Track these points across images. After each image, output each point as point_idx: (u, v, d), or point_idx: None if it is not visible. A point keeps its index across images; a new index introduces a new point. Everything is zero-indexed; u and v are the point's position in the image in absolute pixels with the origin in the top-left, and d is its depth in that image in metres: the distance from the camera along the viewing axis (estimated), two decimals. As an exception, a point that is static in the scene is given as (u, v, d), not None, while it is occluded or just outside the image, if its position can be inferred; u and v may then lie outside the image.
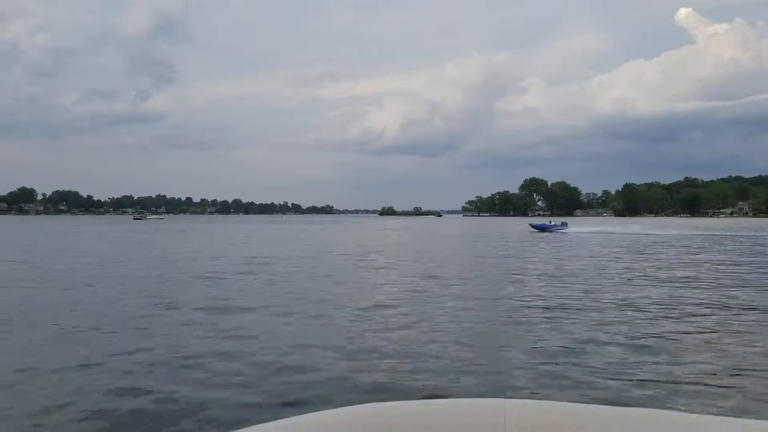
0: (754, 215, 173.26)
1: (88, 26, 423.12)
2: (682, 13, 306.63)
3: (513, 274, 18.73)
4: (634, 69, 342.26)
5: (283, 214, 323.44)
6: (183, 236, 51.25)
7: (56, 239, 44.21)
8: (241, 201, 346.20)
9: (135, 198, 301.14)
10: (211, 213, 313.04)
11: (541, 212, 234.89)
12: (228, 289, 14.80)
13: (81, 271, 19.79)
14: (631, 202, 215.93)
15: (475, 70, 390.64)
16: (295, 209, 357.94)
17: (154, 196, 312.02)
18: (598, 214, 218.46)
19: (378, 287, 15.49)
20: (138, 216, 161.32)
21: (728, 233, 52.72)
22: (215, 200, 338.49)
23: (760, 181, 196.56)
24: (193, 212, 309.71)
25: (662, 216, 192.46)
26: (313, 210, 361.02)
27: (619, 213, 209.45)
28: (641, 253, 28.10)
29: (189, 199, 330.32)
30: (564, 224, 62.98)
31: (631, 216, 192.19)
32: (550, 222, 65.98)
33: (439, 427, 1.76)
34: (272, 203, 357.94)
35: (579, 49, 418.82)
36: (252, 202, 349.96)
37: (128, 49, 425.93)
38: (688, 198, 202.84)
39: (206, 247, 34.00)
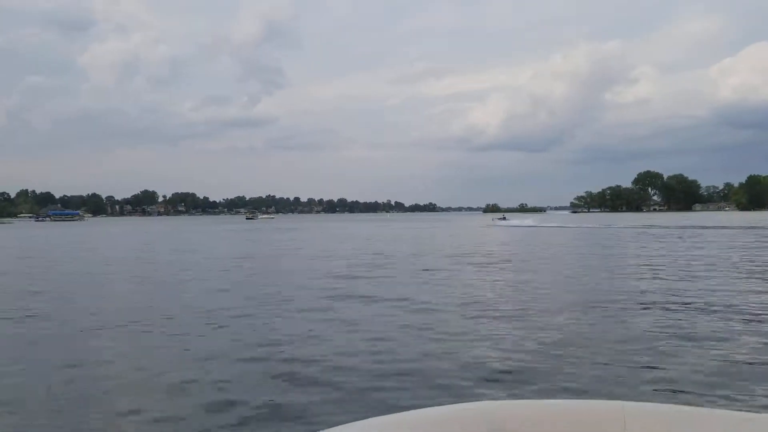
0: None
1: (200, 35, 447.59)
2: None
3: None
4: (757, 52, 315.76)
5: (387, 212, 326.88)
6: (304, 234, 52.34)
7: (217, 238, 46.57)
8: (346, 200, 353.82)
9: (247, 198, 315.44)
10: (318, 212, 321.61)
11: (656, 207, 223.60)
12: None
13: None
14: (757, 194, 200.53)
15: (581, 60, 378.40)
16: (399, 207, 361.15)
17: (264, 197, 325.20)
18: (719, 209, 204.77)
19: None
20: (250, 216, 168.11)
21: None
22: (321, 200, 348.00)
23: None
24: (300, 211, 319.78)
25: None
26: (416, 208, 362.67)
27: (744, 207, 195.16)
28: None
29: (297, 198, 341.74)
30: (504, 218, 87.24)
31: (757, 210, 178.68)
32: (503, 217, 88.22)
33: (553, 427, 1.74)
34: (376, 202, 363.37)
35: (695, 34, 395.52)
36: (356, 201, 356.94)
37: (239, 56, 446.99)
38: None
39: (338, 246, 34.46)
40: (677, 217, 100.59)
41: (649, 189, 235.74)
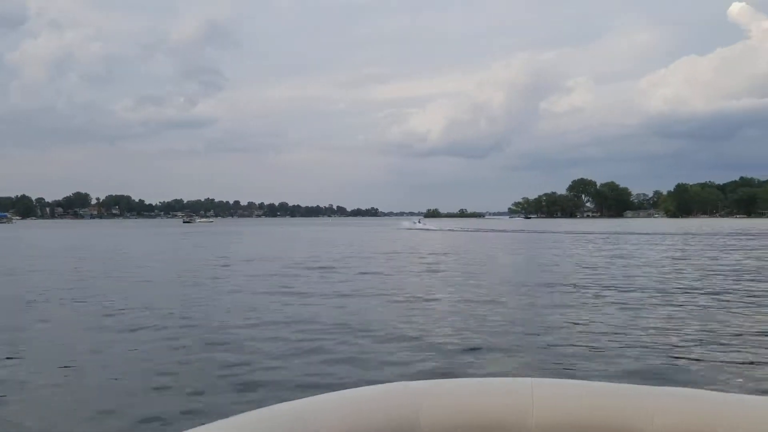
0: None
1: (139, 34, 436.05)
2: (735, 7, 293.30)
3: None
4: (687, 66, 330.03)
5: (329, 216, 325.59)
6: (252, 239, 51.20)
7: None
8: (287, 204, 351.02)
9: (185, 202, 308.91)
10: (258, 216, 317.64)
11: (590, 213, 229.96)
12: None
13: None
14: (684, 202, 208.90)
15: (520, 69, 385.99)
16: (341, 212, 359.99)
17: (203, 200, 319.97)
18: (649, 216, 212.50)
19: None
20: (187, 219, 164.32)
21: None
22: (262, 203, 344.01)
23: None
24: (240, 215, 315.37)
25: (716, 217, 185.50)
26: (358, 212, 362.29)
27: (672, 214, 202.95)
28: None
29: (237, 202, 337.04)
30: (420, 221, 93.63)
31: (684, 217, 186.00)
32: (419, 221, 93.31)
33: (466, 406, 1.78)
34: (318, 206, 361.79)
35: (629, 46, 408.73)
36: (298, 205, 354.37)
37: (178, 56, 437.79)
38: (744, 198, 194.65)
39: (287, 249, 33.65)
40: (586, 224, 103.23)
41: (583, 196, 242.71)
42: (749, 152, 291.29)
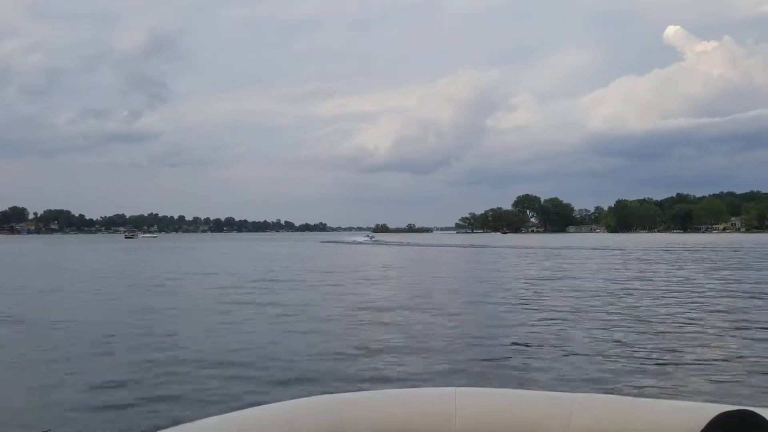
0: (747, 231, 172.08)
1: (81, 45, 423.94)
2: (671, 30, 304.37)
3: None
4: (626, 85, 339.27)
5: (276, 231, 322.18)
6: (194, 253, 49.76)
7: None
8: (233, 219, 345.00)
9: (127, 217, 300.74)
10: (204, 231, 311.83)
11: (534, 228, 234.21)
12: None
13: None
14: (624, 218, 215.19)
15: (466, 87, 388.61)
16: (288, 227, 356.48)
17: (146, 215, 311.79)
18: (591, 231, 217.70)
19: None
20: (129, 235, 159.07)
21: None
22: (208, 218, 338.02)
23: (751, 197, 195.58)
24: (185, 230, 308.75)
25: (655, 232, 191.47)
26: (306, 228, 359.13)
27: (612, 229, 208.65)
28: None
29: (182, 217, 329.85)
30: (370, 236, 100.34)
31: (624, 232, 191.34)
32: (370, 237, 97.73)
33: (389, 417, 1.80)
34: (265, 221, 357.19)
35: (570, 65, 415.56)
36: (245, 220, 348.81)
37: (122, 68, 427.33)
38: (681, 214, 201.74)
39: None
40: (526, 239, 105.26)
41: (528, 211, 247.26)
42: (685, 170, 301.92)
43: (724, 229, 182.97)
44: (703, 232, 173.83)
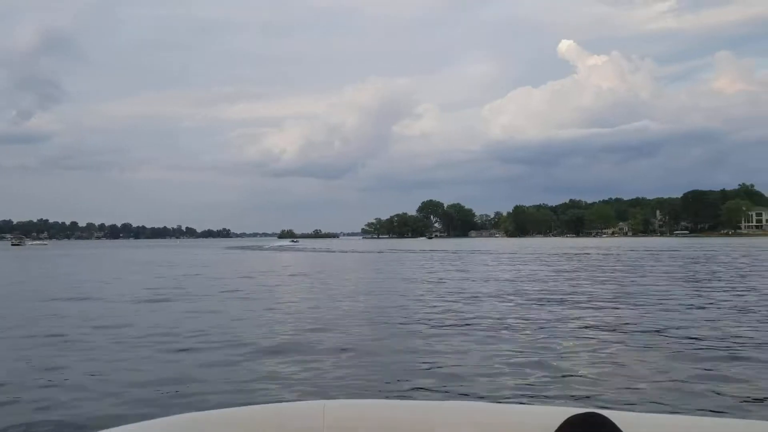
0: (633, 235, 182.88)
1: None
2: (564, 44, 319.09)
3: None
4: (522, 96, 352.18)
5: (177, 238, 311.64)
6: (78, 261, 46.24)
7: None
8: (131, 225, 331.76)
9: (14, 222, 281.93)
10: (99, 238, 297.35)
11: (438, 233, 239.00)
12: None
13: None
14: (522, 223, 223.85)
15: (372, 94, 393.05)
16: (190, 233, 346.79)
17: (35, 221, 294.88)
18: (491, 235, 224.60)
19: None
20: (16, 242, 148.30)
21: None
22: (103, 224, 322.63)
23: (637, 203, 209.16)
24: (78, 237, 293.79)
25: (550, 236, 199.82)
26: (209, 234, 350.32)
27: (511, 234, 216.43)
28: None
29: (74, 223, 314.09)
30: (296, 241, 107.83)
31: (522, 237, 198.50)
32: (296, 240, 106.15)
33: None
34: (165, 227, 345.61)
35: (471, 76, 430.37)
36: (143, 226, 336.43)
37: (9, 67, 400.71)
38: (573, 219, 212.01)
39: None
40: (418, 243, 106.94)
41: (432, 216, 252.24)
42: (576, 177, 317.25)
43: (613, 234, 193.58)
44: (594, 236, 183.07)
